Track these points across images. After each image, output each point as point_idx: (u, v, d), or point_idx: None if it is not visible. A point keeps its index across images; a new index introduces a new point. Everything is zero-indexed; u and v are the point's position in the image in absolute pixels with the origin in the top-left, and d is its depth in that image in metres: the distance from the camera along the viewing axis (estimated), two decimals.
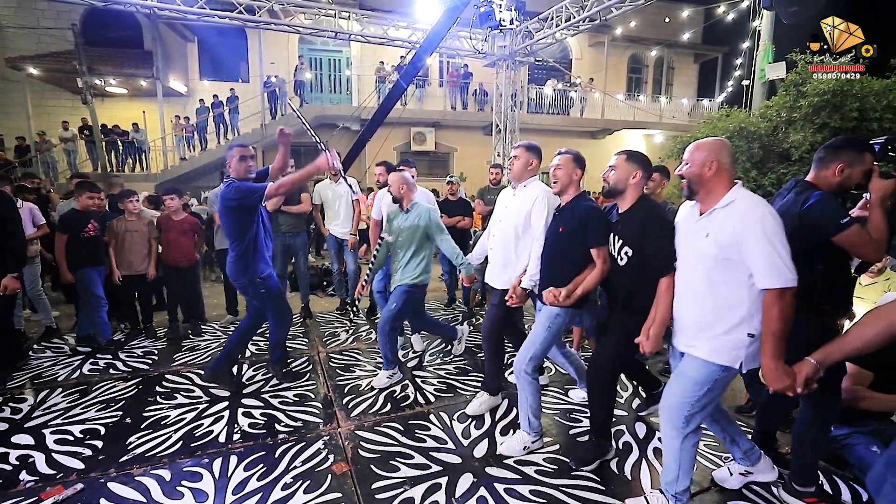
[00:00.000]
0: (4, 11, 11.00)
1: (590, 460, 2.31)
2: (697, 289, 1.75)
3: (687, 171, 1.76)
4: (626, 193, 2.09)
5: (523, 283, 2.49)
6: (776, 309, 1.54)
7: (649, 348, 1.92)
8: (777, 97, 6.40)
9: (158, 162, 11.54)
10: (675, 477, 1.87)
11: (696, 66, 17.22)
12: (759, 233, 1.55)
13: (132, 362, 3.55)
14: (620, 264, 2.11)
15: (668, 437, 1.87)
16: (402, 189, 3.18)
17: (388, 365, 3.23)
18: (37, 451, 2.36)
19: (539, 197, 2.49)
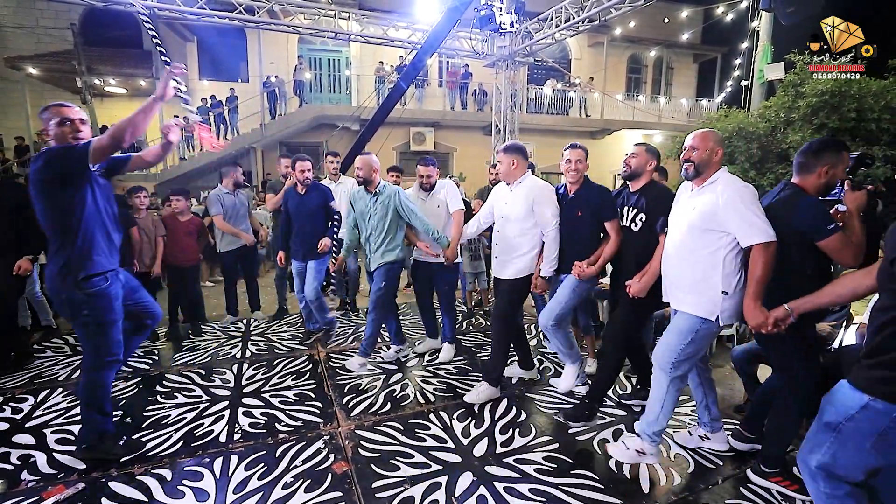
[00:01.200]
0: (4, 11, 11.00)
1: (578, 417, 2.65)
2: (683, 254, 2.08)
3: (696, 156, 2.04)
4: (642, 177, 2.54)
5: (543, 272, 2.78)
6: (762, 260, 1.83)
7: (634, 290, 2.38)
8: (775, 98, 6.41)
9: None
10: (656, 417, 2.14)
11: (696, 66, 17.25)
12: (739, 202, 1.87)
13: (132, 362, 3.55)
14: (634, 230, 2.53)
15: (657, 379, 2.15)
16: (372, 173, 3.28)
17: (365, 352, 3.40)
18: (38, 451, 2.37)
19: (538, 193, 2.74)
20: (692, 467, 2.30)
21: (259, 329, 4.34)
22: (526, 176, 2.81)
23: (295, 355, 3.70)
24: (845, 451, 1.37)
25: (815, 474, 1.45)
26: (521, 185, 2.79)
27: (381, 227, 3.28)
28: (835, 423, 1.38)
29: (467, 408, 2.87)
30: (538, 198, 2.72)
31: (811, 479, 1.48)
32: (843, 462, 1.38)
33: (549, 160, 14.29)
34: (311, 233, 3.74)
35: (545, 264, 2.77)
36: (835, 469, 1.40)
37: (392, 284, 3.38)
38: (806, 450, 1.48)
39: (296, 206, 3.79)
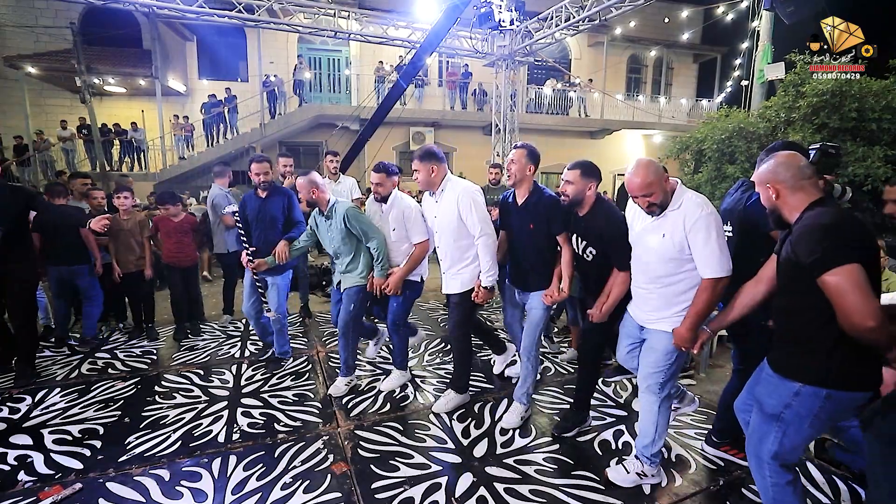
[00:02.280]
0: (3, 10, 10.97)
1: (570, 428, 2.59)
2: (657, 280, 2.03)
3: (655, 198, 1.92)
4: (583, 202, 2.33)
5: (483, 283, 2.59)
6: (707, 294, 1.88)
7: (597, 318, 2.33)
8: (776, 97, 6.40)
9: (157, 161, 11.52)
10: (652, 440, 2.12)
11: (696, 66, 17.24)
12: (704, 231, 1.85)
13: (131, 362, 3.54)
14: (587, 260, 2.40)
15: (647, 402, 2.12)
16: (314, 193, 2.93)
17: (347, 371, 3.08)
18: (35, 451, 2.35)
19: (461, 198, 2.53)
20: (693, 468, 2.29)
21: None
22: (447, 181, 2.61)
23: (294, 356, 3.68)
24: (789, 436, 1.53)
25: (763, 465, 1.60)
26: (444, 192, 2.61)
27: (343, 249, 2.97)
28: (777, 414, 1.54)
29: (467, 408, 2.86)
30: (462, 204, 2.52)
31: (758, 469, 1.63)
32: (789, 445, 1.54)
33: (549, 160, 14.21)
34: (271, 241, 3.25)
35: (483, 274, 2.58)
36: (784, 455, 1.56)
37: (361, 310, 3.08)
38: (754, 442, 1.63)
39: (255, 211, 3.32)
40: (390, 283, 2.87)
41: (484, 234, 2.53)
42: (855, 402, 1.47)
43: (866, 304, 1.29)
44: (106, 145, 10.88)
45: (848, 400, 1.45)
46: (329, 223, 2.99)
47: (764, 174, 1.57)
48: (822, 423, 1.51)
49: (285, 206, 3.36)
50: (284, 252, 3.16)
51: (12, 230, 3.01)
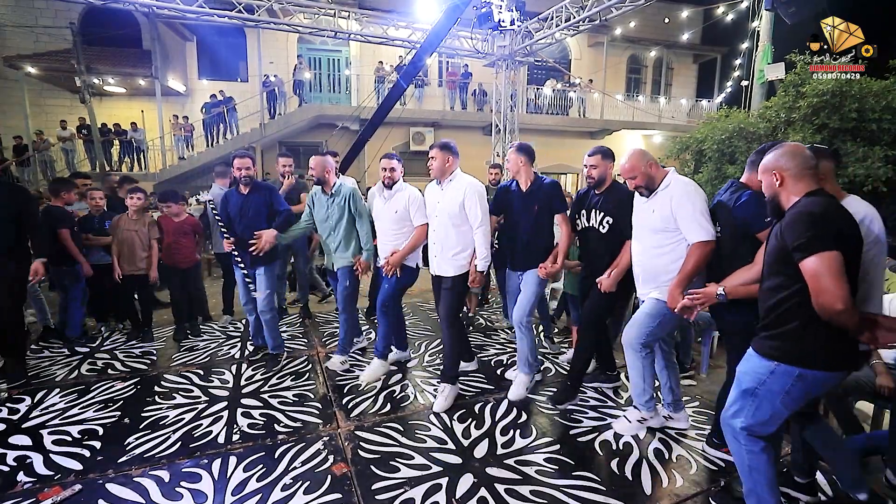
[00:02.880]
0: (2, 10, 10.97)
1: (563, 400, 2.87)
2: (646, 250, 2.37)
3: (639, 181, 2.30)
4: (605, 181, 2.76)
5: (479, 266, 2.85)
6: (696, 256, 2.14)
7: (606, 286, 2.62)
8: (776, 98, 6.39)
9: (157, 161, 11.51)
10: (643, 389, 2.47)
11: (695, 66, 17.25)
12: (689, 204, 2.17)
13: (130, 362, 3.54)
14: (602, 231, 2.73)
15: (631, 359, 2.46)
16: (327, 172, 3.23)
17: (343, 350, 3.39)
18: (34, 452, 2.35)
19: (468, 190, 2.78)
20: (695, 469, 2.29)
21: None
22: (456, 173, 2.87)
23: (294, 355, 3.68)
24: (762, 410, 1.66)
25: (738, 434, 1.73)
26: (452, 182, 2.84)
27: (339, 228, 3.26)
28: (752, 389, 1.67)
29: (467, 408, 2.86)
30: (468, 195, 2.76)
31: (734, 439, 1.76)
32: (761, 419, 1.67)
33: (549, 160, 14.28)
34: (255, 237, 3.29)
35: (479, 259, 2.84)
36: (755, 428, 1.69)
37: (356, 285, 3.39)
38: (729, 414, 1.76)
39: (237, 207, 3.35)
40: (391, 262, 3.10)
41: (483, 225, 2.80)
42: (826, 382, 1.59)
43: (838, 288, 1.39)
44: (106, 145, 10.87)
45: (820, 379, 1.56)
46: (331, 201, 3.26)
47: (770, 161, 1.63)
48: (794, 401, 1.61)
49: (267, 200, 3.37)
50: (270, 239, 3.22)
51: (8, 229, 3.01)
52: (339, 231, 3.27)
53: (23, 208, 3.08)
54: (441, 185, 2.88)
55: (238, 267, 3.41)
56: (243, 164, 3.31)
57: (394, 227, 3.14)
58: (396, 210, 3.11)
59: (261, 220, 3.34)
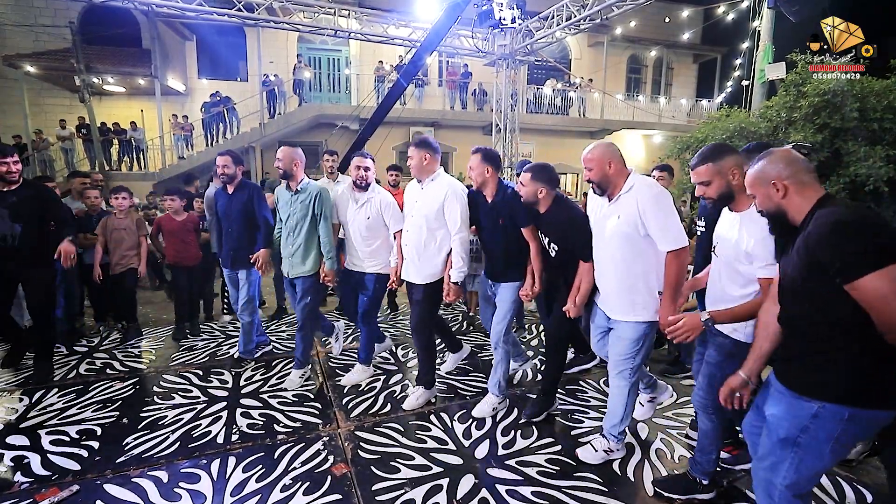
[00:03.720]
0: (2, 9, 10.94)
1: (538, 413, 2.71)
2: (616, 262, 2.12)
3: (593, 175, 2.09)
4: (539, 203, 2.45)
5: (454, 278, 2.67)
6: (673, 266, 1.97)
7: (574, 313, 2.38)
8: (777, 97, 6.37)
9: (157, 161, 11.49)
10: (620, 419, 2.27)
11: (695, 66, 17.24)
12: (655, 207, 1.97)
13: (129, 362, 3.52)
14: (552, 255, 2.52)
15: (618, 387, 2.24)
16: (295, 165, 2.98)
17: (302, 364, 3.18)
18: (32, 452, 2.33)
19: (449, 192, 2.62)
20: None
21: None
22: (438, 173, 2.70)
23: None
24: (806, 463, 1.35)
25: (776, 493, 1.41)
26: (433, 182, 2.68)
27: (300, 229, 3.00)
28: (792, 438, 1.35)
29: (468, 409, 2.84)
30: (449, 198, 2.61)
31: (768, 497, 1.44)
32: (806, 474, 1.37)
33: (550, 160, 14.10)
34: (237, 237, 3.27)
35: (454, 269, 2.66)
36: (801, 484, 1.38)
37: (318, 299, 3.21)
38: (766, 467, 1.44)
39: (224, 207, 3.31)
40: (394, 279, 2.98)
41: (461, 232, 2.65)
42: (879, 422, 1.30)
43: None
44: (105, 145, 10.85)
45: (873, 419, 1.28)
46: (296, 198, 3.02)
47: (766, 173, 1.39)
48: (844, 448, 1.34)
49: (249, 199, 3.27)
50: (266, 262, 3.21)
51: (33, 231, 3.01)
52: (301, 234, 3.01)
53: (49, 210, 3.08)
54: (422, 184, 2.72)
55: (225, 267, 3.43)
56: (222, 163, 3.22)
57: (365, 234, 2.99)
58: (369, 216, 2.95)
59: (244, 219, 3.26)
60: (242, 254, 3.27)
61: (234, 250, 3.31)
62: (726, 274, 1.83)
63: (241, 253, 3.27)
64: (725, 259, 1.82)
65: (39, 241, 3.04)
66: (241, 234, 3.27)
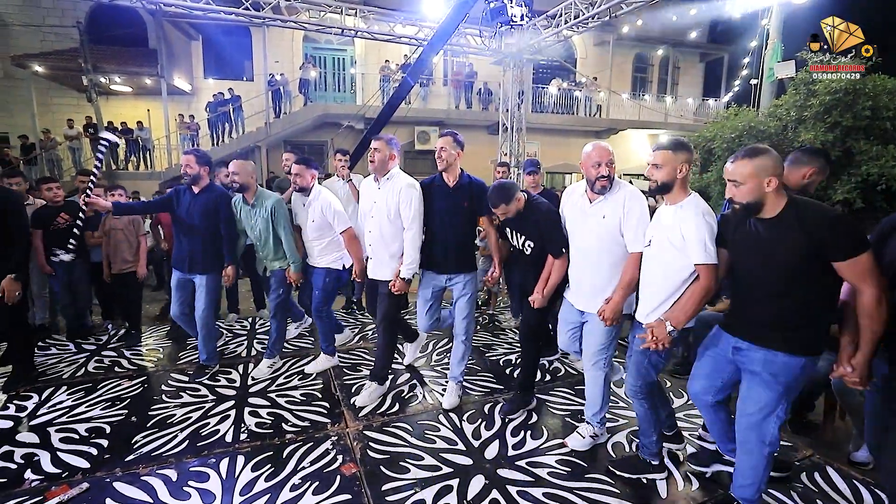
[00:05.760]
0: (10, 9, 11.01)
1: (515, 410, 2.77)
2: (595, 259, 2.25)
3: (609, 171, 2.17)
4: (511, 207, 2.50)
5: (403, 274, 2.71)
6: (632, 267, 2.13)
7: (538, 304, 2.50)
8: (786, 96, 6.30)
9: (163, 160, 11.53)
10: (600, 407, 2.42)
11: (702, 65, 17.13)
12: (638, 213, 2.13)
13: (137, 360, 3.52)
14: (527, 254, 2.60)
15: (594, 377, 2.38)
16: (251, 178, 3.07)
17: (272, 353, 3.33)
18: (42, 450, 2.33)
19: (404, 188, 2.67)
20: (710, 472, 2.24)
21: (265, 327, 4.29)
22: (394, 171, 2.73)
23: (301, 354, 3.65)
24: (788, 402, 1.74)
25: (767, 437, 1.74)
26: (389, 181, 2.71)
27: (265, 238, 3.14)
28: (785, 388, 1.70)
29: (477, 409, 2.82)
30: (404, 196, 2.66)
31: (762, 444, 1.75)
32: (785, 414, 1.75)
33: (555, 160, 14.20)
34: (200, 239, 3.15)
35: (404, 266, 2.70)
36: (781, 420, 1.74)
37: (290, 289, 3.32)
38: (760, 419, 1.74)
39: (186, 207, 3.16)
40: (357, 277, 3.07)
41: (413, 229, 2.68)
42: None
43: (881, 282, 1.54)
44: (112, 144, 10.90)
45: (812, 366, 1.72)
46: (253, 211, 3.13)
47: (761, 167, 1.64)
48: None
49: (215, 205, 3.17)
50: (231, 274, 3.22)
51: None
52: (268, 241, 3.15)
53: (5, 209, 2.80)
54: (378, 182, 2.75)
55: (179, 270, 3.24)
56: (185, 161, 3.12)
57: (313, 235, 3.11)
58: (313, 220, 3.07)
59: (206, 223, 3.13)
60: (199, 257, 3.15)
61: (191, 253, 3.16)
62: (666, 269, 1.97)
63: (199, 256, 3.15)
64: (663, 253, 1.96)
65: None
66: (204, 237, 3.14)
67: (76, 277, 3.85)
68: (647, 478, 2.18)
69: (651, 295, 2.02)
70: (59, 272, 3.79)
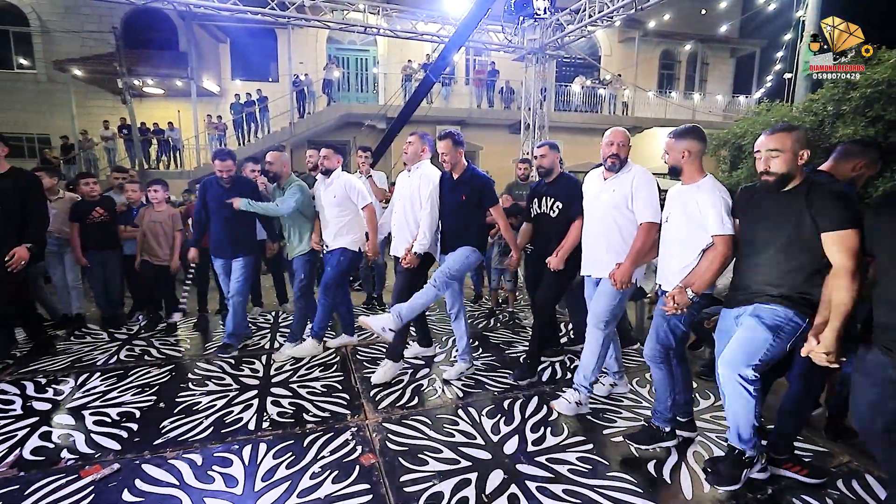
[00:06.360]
0: (53, 17, 11.56)
1: (524, 377, 3.05)
2: (605, 229, 2.52)
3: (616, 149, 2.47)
4: (553, 171, 3.01)
5: (415, 248, 2.99)
6: (643, 235, 2.36)
7: (555, 264, 2.79)
8: (823, 90, 6.05)
9: (192, 159, 11.90)
10: (592, 370, 2.59)
11: (732, 60, 16.60)
12: (646, 188, 2.40)
13: (166, 349, 3.64)
14: (552, 216, 2.95)
15: (594, 337, 2.57)
16: (284, 168, 3.49)
17: (294, 337, 3.52)
18: (77, 431, 2.43)
19: (424, 175, 3.03)
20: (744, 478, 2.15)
21: (288, 320, 4.37)
22: (423, 163, 3.08)
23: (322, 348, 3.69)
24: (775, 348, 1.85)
25: (748, 372, 1.85)
26: (418, 170, 3.07)
27: (290, 221, 3.49)
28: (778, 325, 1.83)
29: (496, 404, 2.80)
30: (423, 181, 3.01)
31: (741, 380, 1.86)
32: (770, 357, 1.86)
33: (578, 159, 13.94)
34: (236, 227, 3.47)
35: (417, 242, 2.99)
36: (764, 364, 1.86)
37: (311, 274, 3.59)
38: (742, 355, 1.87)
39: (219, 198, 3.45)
40: (370, 252, 3.43)
41: (427, 209, 2.97)
42: None
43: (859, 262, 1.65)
44: (144, 144, 11.31)
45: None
46: (283, 196, 3.44)
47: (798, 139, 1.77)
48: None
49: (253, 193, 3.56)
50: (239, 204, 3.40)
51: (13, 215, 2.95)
52: (287, 222, 3.53)
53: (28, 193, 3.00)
54: (410, 172, 3.11)
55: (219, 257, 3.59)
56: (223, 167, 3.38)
57: (333, 212, 3.37)
58: (335, 195, 3.35)
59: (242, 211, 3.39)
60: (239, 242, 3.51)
61: (233, 240, 3.49)
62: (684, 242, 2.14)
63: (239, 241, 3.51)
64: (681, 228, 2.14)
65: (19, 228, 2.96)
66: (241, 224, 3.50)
67: (110, 270, 4.01)
68: (663, 445, 2.30)
69: (672, 267, 2.18)
70: (94, 265, 3.96)
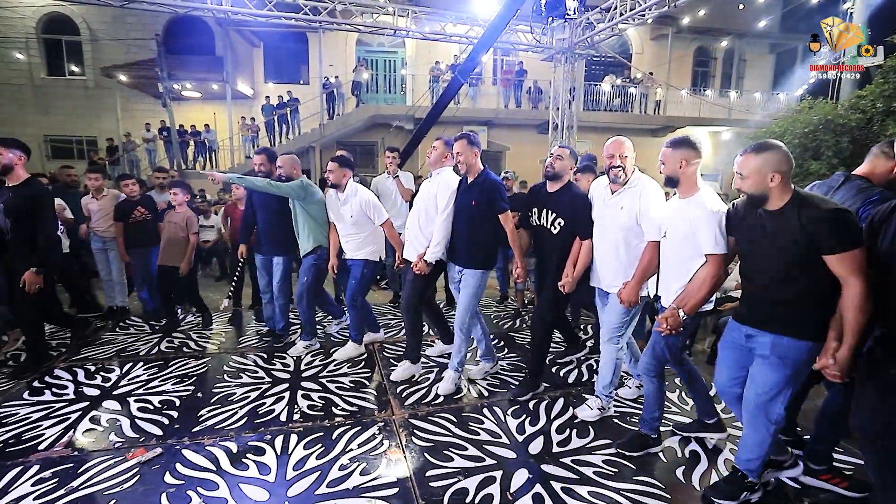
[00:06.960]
0: (101, 26, 12.22)
1: (524, 393, 2.89)
2: (616, 247, 2.45)
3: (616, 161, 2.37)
4: (562, 178, 2.69)
5: (427, 257, 2.89)
6: (650, 254, 2.28)
7: (569, 288, 2.62)
8: (872, 85, 5.74)
9: (227, 160, 12.33)
10: (610, 381, 2.62)
11: (772, 56, 15.93)
12: (652, 206, 2.30)
13: (203, 342, 3.80)
14: (554, 232, 2.70)
15: (608, 352, 2.58)
16: (294, 170, 3.44)
17: (307, 336, 3.59)
18: (123, 416, 2.59)
19: (443, 181, 2.92)
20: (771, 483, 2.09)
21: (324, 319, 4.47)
22: (445, 169, 2.98)
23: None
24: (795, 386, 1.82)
25: (774, 416, 1.82)
26: (439, 175, 2.97)
27: (298, 218, 3.49)
28: (794, 371, 1.76)
29: (521, 404, 2.81)
30: (441, 187, 2.89)
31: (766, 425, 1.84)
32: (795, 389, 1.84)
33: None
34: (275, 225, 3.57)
35: (430, 248, 2.89)
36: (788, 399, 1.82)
37: (319, 277, 3.58)
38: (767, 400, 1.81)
39: (262, 199, 3.58)
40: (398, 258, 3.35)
41: (442, 216, 2.86)
42: None
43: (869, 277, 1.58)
44: (182, 145, 11.80)
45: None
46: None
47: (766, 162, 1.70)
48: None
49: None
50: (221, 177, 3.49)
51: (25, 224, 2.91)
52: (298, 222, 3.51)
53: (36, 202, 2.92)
54: (432, 176, 3.03)
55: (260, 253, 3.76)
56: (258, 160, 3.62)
57: (351, 230, 3.35)
58: (352, 215, 3.31)
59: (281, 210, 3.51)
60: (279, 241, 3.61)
61: (272, 237, 3.62)
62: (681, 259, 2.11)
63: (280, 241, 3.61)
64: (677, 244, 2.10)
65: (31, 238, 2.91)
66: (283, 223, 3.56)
67: (151, 266, 4.21)
68: (652, 451, 2.32)
69: (670, 281, 2.18)
70: (136, 261, 4.17)
